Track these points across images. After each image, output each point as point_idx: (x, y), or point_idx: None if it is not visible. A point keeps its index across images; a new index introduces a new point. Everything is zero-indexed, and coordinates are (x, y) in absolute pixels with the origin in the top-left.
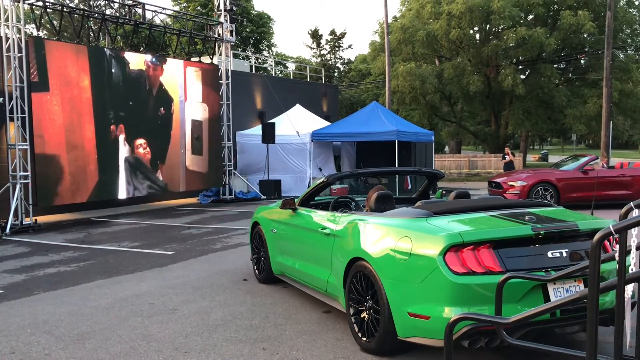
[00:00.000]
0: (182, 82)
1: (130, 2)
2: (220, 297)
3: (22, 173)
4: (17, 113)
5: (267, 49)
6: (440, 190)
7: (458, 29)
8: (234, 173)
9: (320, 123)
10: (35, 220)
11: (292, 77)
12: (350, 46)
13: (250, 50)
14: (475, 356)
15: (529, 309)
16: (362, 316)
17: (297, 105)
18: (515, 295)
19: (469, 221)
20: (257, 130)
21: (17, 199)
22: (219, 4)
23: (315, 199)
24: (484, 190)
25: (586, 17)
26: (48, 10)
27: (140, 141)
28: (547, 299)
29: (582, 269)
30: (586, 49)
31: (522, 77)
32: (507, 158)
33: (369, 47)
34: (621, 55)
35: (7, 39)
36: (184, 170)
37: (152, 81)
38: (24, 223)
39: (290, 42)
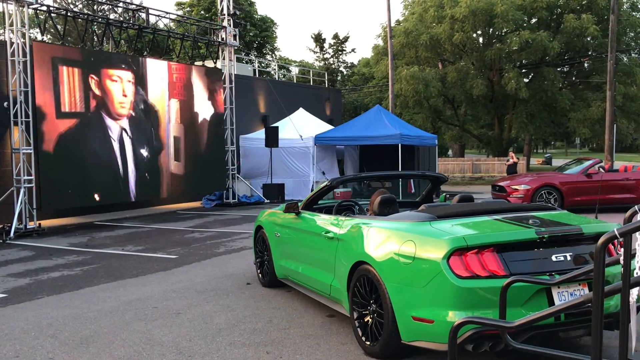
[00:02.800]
0: (188, 85)
1: (134, 6)
2: (224, 301)
3: (26, 177)
4: (22, 117)
5: (270, 53)
6: (444, 194)
7: (461, 32)
8: (238, 177)
9: (324, 127)
10: (39, 224)
11: (295, 81)
12: (353, 50)
13: (254, 54)
14: None
15: (533, 313)
16: (366, 320)
17: (300, 109)
18: (520, 299)
19: (473, 225)
20: (260, 134)
21: (21, 203)
22: (222, 8)
23: (319, 202)
24: (487, 193)
25: (589, 21)
26: (52, 14)
27: (147, 146)
28: (551, 302)
29: (587, 273)
30: (590, 53)
31: (526, 80)
32: (511, 161)
33: (372, 51)
34: (625, 59)
35: (12, 43)
36: (186, 174)
37: (158, 85)
38: (28, 227)
39: (294, 46)
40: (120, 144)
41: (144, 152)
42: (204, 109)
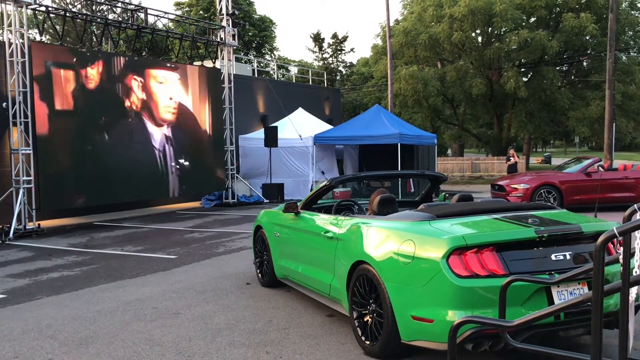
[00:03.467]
0: (185, 85)
1: (132, 6)
2: (224, 301)
3: (25, 178)
4: (20, 118)
5: (269, 52)
6: (443, 193)
7: (460, 32)
8: (237, 177)
9: (323, 126)
10: (39, 224)
11: (294, 81)
12: (352, 49)
13: (253, 54)
14: (479, 359)
15: (532, 312)
16: (365, 320)
17: (300, 109)
18: (519, 298)
19: (472, 224)
20: (259, 134)
21: (20, 204)
22: (221, 8)
23: (318, 202)
24: (487, 193)
25: (588, 20)
26: (51, 15)
27: (148, 146)
28: (551, 301)
29: (586, 272)
30: (588, 51)
31: (525, 79)
32: (512, 160)
33: (371, 51)
34: (624, 58)
35: (11, 44)
36: (185, 174)
37: (157, 85)
38: (27, 227)
39: (293, 46)
40: (124, 144)
41: (150, 151)
42: (203, 109)
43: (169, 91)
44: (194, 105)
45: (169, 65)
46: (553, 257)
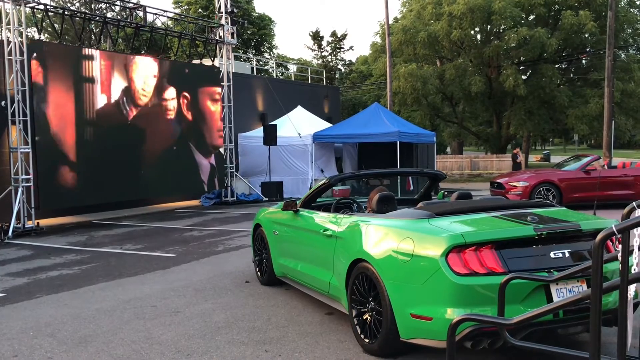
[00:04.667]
0: (181, 83)
1: (131, 5)
2: (223, 299)
3: (24, 176)
4: (19, 116)
5: (268, 51)
6: (442, 191)
7: (459, 29)
8: (236, 175)
9: (322, 125)
10: (38, 223)
11: (293, 79)
12: (351, 48)
13: (252, 52)
14: (478, 357)
15: (531, 310)
16: (364, 318)
17: (299, 107)
18: (518, 296)
19: (471, 222)
20: (258, 132)
21: (19, 202)
22: (219, 7)
23: (317, 200)
24: (486, 191)
25: (587, 17)
26: (49, 13)
27: (146, 144)
28: (549, 299)
29: (585, 270)
30: (587, 49)
31: (524, 77)
32: (519, 158)
33: (370, 49)
34: (623, 55)
35: (9, 42)
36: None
37: (157, 83)
38: (26, 226)
39: (292, 44)
40: (126, 142)
41: (153, 149)
42: (201, 108)
43: (170, 84)
44: (194, 104)
45: (167, 62)
46: (552, 254)
